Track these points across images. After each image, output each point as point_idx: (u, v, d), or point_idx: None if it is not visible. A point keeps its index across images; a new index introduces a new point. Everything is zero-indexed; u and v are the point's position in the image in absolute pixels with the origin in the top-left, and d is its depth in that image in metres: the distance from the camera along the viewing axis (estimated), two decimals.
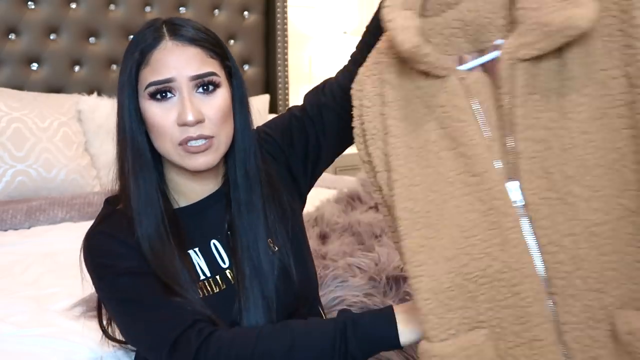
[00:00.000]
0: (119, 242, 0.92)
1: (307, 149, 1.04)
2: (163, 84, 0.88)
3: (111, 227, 0.94)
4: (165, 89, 0.88)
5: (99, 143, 2.37)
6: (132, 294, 0.89)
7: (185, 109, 0.87)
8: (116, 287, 0.90)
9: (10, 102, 2.21)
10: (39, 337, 1.19)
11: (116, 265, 0.91)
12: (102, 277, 0.92)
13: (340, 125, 0.98)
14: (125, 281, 0.90)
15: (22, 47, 2.45)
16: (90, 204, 2.09)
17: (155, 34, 0.90)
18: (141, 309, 0.89)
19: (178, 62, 0.88)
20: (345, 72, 1.01)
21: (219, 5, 2.94)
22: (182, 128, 0.88)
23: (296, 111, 1.05)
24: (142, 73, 0.89)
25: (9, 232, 1.92)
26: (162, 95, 0.89)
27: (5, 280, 1.51)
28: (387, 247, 1.68)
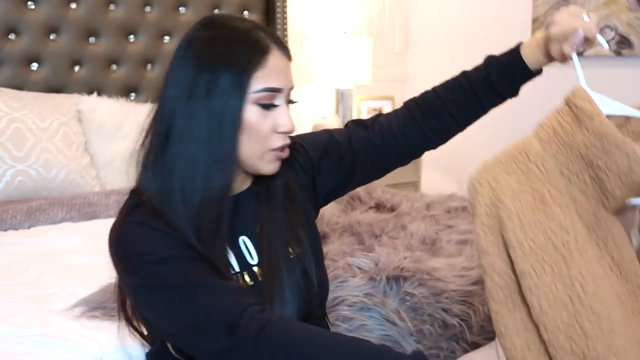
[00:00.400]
0: (153, 230, 0.89)
1: (336, 172, 1.11)
2: (274, 92, 0.91)
3: (142, 216, 0.92)
4: (274, 99, 0.92)
5: (99, 143, 2.37)
6: (178, 279, 0.86)
7: (290, 119, 0.93)
8: (158, 274, 0.87)
9: (10, 102, 2.21)
10: (39, 337, 1.19)
11: (156, 252, 0.88)
12: (140, 265, 0.88)
13: (377, 166, 1.13)
14: (168, 267, 0.87)
15: (22, 47, 2.45)
16: (90, 204, 2.09)
17: (266, 39, 0.92)
18: (189, 294, 0.86)
19: (285, 72, 0.93)
20: (399, 118, 1.15)
21: (219, 5, 2.94)
22: (281, 136, 0.93)
23: (337, 135, 1.12)
24: (255, 75, 0.90)
25: (9, 232, 1.92)
26: (271, 105, 0.92)
27: (5, 280, 1.51)
28: (387, 247, 1.68)
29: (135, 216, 0.92)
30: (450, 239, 1.78)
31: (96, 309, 1.30)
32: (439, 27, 3.53)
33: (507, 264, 0.87)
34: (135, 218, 0.92)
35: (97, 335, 1.21)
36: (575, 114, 0.88)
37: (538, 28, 2.91)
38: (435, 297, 1.42)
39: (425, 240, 1.76)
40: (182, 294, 0.86)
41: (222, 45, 0.91)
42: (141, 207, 0.93)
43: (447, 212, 2.14)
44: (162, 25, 2.77)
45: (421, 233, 1.81)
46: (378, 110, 3.45)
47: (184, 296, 0.86)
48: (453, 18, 3.44)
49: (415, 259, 1.57)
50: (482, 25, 3.27)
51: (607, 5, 2.63)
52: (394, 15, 3.66)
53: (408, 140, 1.13)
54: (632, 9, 2.54)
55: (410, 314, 1.37)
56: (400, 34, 3.70)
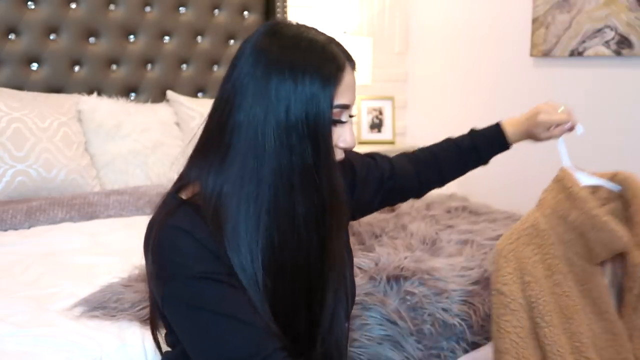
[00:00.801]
0: (195, 240, 0.84)
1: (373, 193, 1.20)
2: (345, 109, 0.90)
3: (187, 220, 0.86)
4: (342, 114, 0.90)
5: (99, 143, 2.37)
6: (207, 301, 0.83)
7: (353, 136, 0.92)
8: (189, 290, 0.84)
9: (10, 102, 2.21)
10: (39, 337, 1.19)
11: (191, 267, 0.84)
12: (173, 275, 0.84)
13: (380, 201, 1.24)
14: (199, 286, 0.83)
15: (22, 47, 2.45)
16: (90, 204, 2.09)
17: (341, 53, 0.90)
18: (214, 322, 0.83)
19: (354, 88, 0.92)
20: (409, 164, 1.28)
21: (219, 5, 2.94)
22: (340, 151, 0.93)
23: (382, 162, 1.23)
24: (334, 90, 0.87)
25: (9, 232, 1.92)
26: (339, 119, 0.90)
27: (5, 280, 1.51)
28: (387, 247, 1.68)
29: (179, 218, 0.87)
30: (450, 239, 1.78)
31: (96, 309, 1.30)
32: (439, 27, 3.53)
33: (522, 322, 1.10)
34: (180, 222, 0.86)
35: (97, 335, 1.21)
36: (568, 194, 1.15)
37: (538, 28, 2.91)
38: (435, 296, 1.42)
39: (425, 240, 1.76)
40: (204, 319, 0.83)
41: (306, 56, 0.86)
42: (186, 209, 0.88)
43: (447, 212, 2.14)
44: (162, 25, 2.77)
45: (421, 233, 1.81)
46: (378, 110, 3.45)
47: (206, 322, 0.83)
48: (453, 18, 3.44)
49: (416, 259, 1.56)
50: (482, 25, 3.26)
51: (607, 5, 2.63)
52: (394, 15, 3.66)
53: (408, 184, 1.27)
54: (632, 9, 2.54)
55: (411, 314, 1.37)
56: (400, 34, 3.70)
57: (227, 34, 2.96)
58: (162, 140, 2.47)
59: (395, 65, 3.69)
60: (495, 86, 3.23)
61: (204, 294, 0.83)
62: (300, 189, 0.85)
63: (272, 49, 0.86)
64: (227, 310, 0.83)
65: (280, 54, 0.85)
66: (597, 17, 2.67)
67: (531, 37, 2.96)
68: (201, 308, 0.83)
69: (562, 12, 2.81)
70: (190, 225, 0.85)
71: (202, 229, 0.85)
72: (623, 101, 2.68)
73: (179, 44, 2.81)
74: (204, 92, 2.92)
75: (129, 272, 1.46)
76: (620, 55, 2.61)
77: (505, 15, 3.13)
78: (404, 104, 3.72)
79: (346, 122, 0.91)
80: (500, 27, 3.16)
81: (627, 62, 2.64)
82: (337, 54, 0.88)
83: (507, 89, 3.17)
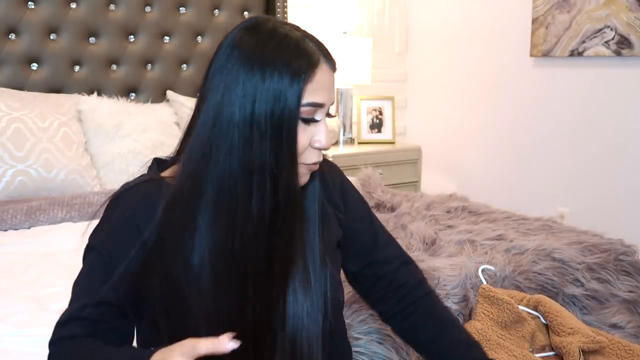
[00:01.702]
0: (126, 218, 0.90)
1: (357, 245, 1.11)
2: (319, 107, 0.88)
3: (135, 195, 0.92)
4: (315, 112, 0.88)
5: (99, 143, 2.37)
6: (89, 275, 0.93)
7: (327, 136, 0.90)
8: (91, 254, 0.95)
9: (10, 102, 2.21)
10: (39, 337, 1.19)
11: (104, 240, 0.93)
12: (97, 230, 0.94)
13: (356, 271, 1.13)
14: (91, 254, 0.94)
15: (22, 47, 2.45)
16: (90, 204, 2.09)
17: (317, 51, 0.88)
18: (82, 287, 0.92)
19: (330, 87, 0.90)
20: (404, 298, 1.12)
21: (219, 5, 2.94)
22: (316, 152, 0.90)
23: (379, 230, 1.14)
24: (305, 88, 0.86)
25: (9, 232, 1.92)
26: (312, 117, 0.88)
27: (5, 280, 1.51)
28: None
29: (134, 189, 0.92)
30: (450, 239, 1.78)
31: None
32: (439, 27, 3.53)
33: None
34: (142, 187, 0.92)
35: None
36: (493, 302, 1.37)
37: (538, 28, 2.91)
38: None
39: (425, 240, 1.76)
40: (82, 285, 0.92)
41: (277, 51, 0.85)
42: (148, 182, 0.93)
43: (447, 212, 2.14)
44: (162, 25, 2.77)
45: (421, 233, 1.81)
46: (378, 110, 3.45)
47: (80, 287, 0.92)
48: (453, 18, 3.44)
49: (415, 259, 1.56)
50: (482, 26, 3.27)
51: (607, 5, 2.63)
52: (394, 15, 3.66)
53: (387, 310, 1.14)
54: (632, 9, 2.54)
55: None
56: (400, 34, 3.70)
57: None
58: (162, 140, 2.47)
59: (395, 66, 3.69)
60: (495, 86, 3.23)
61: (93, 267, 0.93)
62: (257, 187, 0.85)
63: (247, 43, 0.86)
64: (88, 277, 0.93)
65: (254, 48, 0.85)
66: (597, 17, 2.68)
67: (531, 37, 2.96)
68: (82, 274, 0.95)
69: (562, 12, 2.81)
70: (149, 190, 0.90)
71: (145, 207, 0.88)
72: (623, 101, 2.68)
73: (179, 44, 2.81)
74: None
75: None
76: (620, 55, 2.61)
77: (505, 15, 3.13)
78: (404, 104, 3.72)
79: (320, 121, 0.89)
80: (500, 27, 3.17)
81: (627, 62, 2.64)
82: (311, 50, 0.87)
83: (507, 89, 3.17)
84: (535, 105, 3.04)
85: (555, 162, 2.98)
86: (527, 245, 1.69)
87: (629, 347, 1.32)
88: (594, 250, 1.72)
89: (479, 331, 1.30)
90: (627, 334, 1.59)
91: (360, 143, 3.42)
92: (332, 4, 3.37)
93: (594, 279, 1.64)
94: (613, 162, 2.74)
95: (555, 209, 2.91)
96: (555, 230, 1.91)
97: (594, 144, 2.81)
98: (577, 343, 1.28)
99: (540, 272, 1.59)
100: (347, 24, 3.39)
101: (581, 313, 1.59)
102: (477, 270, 1.50)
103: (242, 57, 0.85)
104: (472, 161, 3.39)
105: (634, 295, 1.68)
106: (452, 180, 3.50)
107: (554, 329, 1.35)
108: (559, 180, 2.96)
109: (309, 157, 0.90)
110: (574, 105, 2.87)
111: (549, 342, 1.37)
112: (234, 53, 0.86)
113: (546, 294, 1.56)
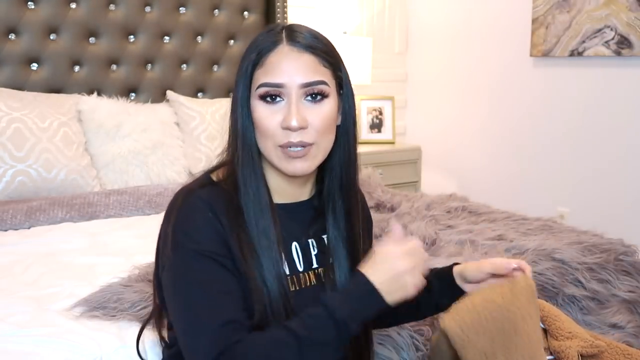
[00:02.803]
0: (211, 217, 0.90)
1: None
2: (273, 87, 0.91)
3: (212, 196, 0.93)
4: (275, 93, 0.92)
5: (99, 143, 2.37)
6: (201, 277, 0.88)
7: (291, 115, 0.91)
8: (191, 265, 0.89)
9: (10, 102, 2.21)
10: (39, 337, 1.19)
11: (201, 243, 0.89)
12: (181, 245, 0.90)
13: None
14: (205, 263, 0.88)
15: (22, 47, 2.45)
16: (90, 204, 2.09)
17: (274, 37, 0.94)
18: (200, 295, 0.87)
19: (291, 67, 0.92)
20: None
21: (219, 5, 2.94)
22: (285, 132, 0.92)
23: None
24: (256, 73, 0.93)
25: (9, 232, 1.92)
26: (272, 98, 0.92)
27: (5, 280, 1.51)
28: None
29: (205, 192, 0.93)
30: (450, 239, 1.78)
31: (96, 309, 1.30)
32: (439, 27, 3.53)
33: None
34: (205, 196, 0.93)
35: (97, 335, 1.21)
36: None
37: (538, 28, 2.91)
38: None
39: (425, 240, 1.76)
40: (195, 294, 0.87)
41: (244, 52, 0.95)
42: (217, 187, 0.96)
43: (447, 212, 2.14)
44: (162, 25, 2.77)
45: (421, 233, 1.81)
46: (378, 110, 3.45)
47: (195, 297, 0.87)
48: (453, 18, 3.44)
49: None
50: (482, 26, 3.27)
51: (607, 5, 2.63)
52: (394, 15, 3.66)
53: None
54: (632, 9, 2.54)
55: None
56: (400, 34, 3.70)
57: (227, 34, 2.96)
58: (162, 140, 2.47)
59: (395, 66, 3.69)
60: (495, 86, 3.23)
61: (208, 273, 0.88)
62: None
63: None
64: (216, 288, 0.88)
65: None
66: (597, 17, 2.68)
67: (531, 37, 2.96)
68: (196, 285, 0.88)
69: (562, 12, 2.81)
70: (210, 202, 0.91)
71: (223, 206, 0.91)
72: (623, 101, 2.68)
73: (179, 44, 2.81)
74: (204, 92, 2.92)
75: (129, 272, 1.46)
76: (620, 55, 2.61)
77: (505, 15, 3.13)
78: (403, 104, 3.72)
79: (284, 100, 0.92)
80: (500, 27, 3.17)
81: (627, 62, 2.64)
82: (272, 37, 0.94)
83: (507, 89, 3.17)
84: (535, 105, 3.04)
85: (555, 162, 2.98)
86: (527, 246, 1.69)
87: (628, 351, 1.32)
88: (594, 250, 1.72)
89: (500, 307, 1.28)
90: (627, 334, 1.59)
91: (360, 143, 3.39)
92: (332, 4, 3.37)
93: (594, 279, 1.64)
94: (613, 162, 2.74)
95: (555, 209, 2.91)
96: (555, 230, 1.91)
97: (594, 143, 2.81)
98: (576, 347, 1.28)
99: (540, 272, 1.59)
100: (347, 24, 3.39)
101: (581, 313, 1.59)
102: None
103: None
104: (472, 161, 3.39)
105: (634, 295, 1.68)
106: (452, 180, 3.50)
107: (553, 333, 1.35)
108: (559, 180, 2.96)
109: (279, 138, 0.92)
110: (573, 105, 2.87)
111: (547, 346, 1.37)
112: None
113: (546, 294, 1.56)
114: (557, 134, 2.95)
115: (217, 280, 0.88)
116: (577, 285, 1.62)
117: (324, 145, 0.96)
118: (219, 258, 0.89)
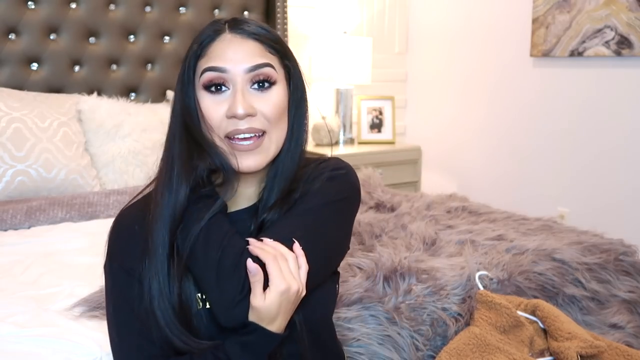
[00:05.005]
0: (130, 233, 0.91)
1: None
2: (217, 72, 0.87)
3: (133, 211, 0.93)
4: (220, 81, 0.88)
5: (99, 143, 2.37)
6: (114, 294, 0.90)
7: (236, 102, 0.86)
8: (109, 277, 0.91)
9: (10, 102, 2.21)
10: (39, 337, 1.19)
11: (125, 261, 0.90)
12: (106, 258, 0.92)
13: None
14: (118, 277, 0.90)
15: (22, 47, 2.45)
16: (90, 204, 2.09)
17: (216, 27, 0.91)
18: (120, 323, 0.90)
19: (235, 54, 0.88)
20: None
21: (219, 5, 2.94)
22: (232, 121, 0.87)
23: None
24: (199, 63, 0.90)
25: (9, 232, 1.92)
26: (217, 87, 0.88)
27: (5, 280, 1.51)
28: (387, 246, 1.68)
29: (132, 207, 0.94)
30: (450, 239, 1.78)
31: (96, 309, 1.30)
32: (439, 27, 3.53)
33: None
34: (133, 209, 0.93)
35: (97, 335, 1.21)
36: (491, 307, 1.37)
37: (538, 28, 2.91)
38: (434, 296, 1.42)
39: (425, 240, 1.76)
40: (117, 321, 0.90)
41: (188, 48, 0.94)
42: (144, 199, 0.94)
43: (447, 212, 2.14)
44: (162, 25, 2.77)
45: (421, 233, 1.81)
46: (378, 110, 3.45)
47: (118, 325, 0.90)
48: (453, 18, 3.44)
49: (415, 259, 1.57)
50: (482, 26, 3.27)
51: (607, 5, 2.63)
52: (394, 15, 3.66)
53: None
54: (632, 9, 2.54)
55: (410, 313, 1.37)
56: (400, 34, 3.70)
57: None
58: (162, 140, 2.47)
59: (395, 66, 3.69)
60: (495, 86, 3.23)
61: (117, 286, 0.89)
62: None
63: None
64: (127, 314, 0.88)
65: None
66: (597, 17, 2.67)
67: (531, 37, 2.96)
68: (110, 297, 0.91)
69: (562, 12, 2.81)
70: (135, 217, 0.91)
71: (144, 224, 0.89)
72: (623, 101, 2.68)
73: (178, 44, 2.81)
74: None
75: None
76: (620, 55, 2.61)
77: (505, 15, 3.13)
78: (403, 104, 3.72)
79: (229, 89, 0.88)
80: (500, 27, 3.17)
81: (627, 62, 2.64)
82: (207, 30, 0.91)
83: (507, 89, 3.17)
84: (535, 105, 3.04)
85: (555, 162, 2.98)
86: (527, 246, 1.69)
87: (627, 352, 1.32)
88: (594, 250, 1.72)
89: (477, 336, 1.29)
90: (627, 334, 1.59)
91: (360, 143, 3.42)
92: (332, 4, 3.37)
93: (594, 279, 1.64)
94: (613, 162, 2.74)
95: (555, 209, 2.91)
96: (555, 230, 1.91)
97: (594, 143, 2.81)
98: (575, 348, 1.28)
99: (540, 272, 1.59)
100: (347, 24, 3.39)
101: (581, 313, 1.59)
102: (475, 276, 1.50)
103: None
104: (472, 161, 3.39)
105: (634, 295, 1.68)
106: (452, 180, 3.50)
107: (552, 333, 1.36)
108: (559, 180, 2.96)
109: (224, 127, 0.88)
110: (574, 106, 2.87)
111: (547, 347, 1.37)
112: None
113: (546, 294, 1.56)
114: (557, 134, 2.95)
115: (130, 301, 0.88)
116: (577, 286, 1.62)
117: (275, 135, 0.90)
118: (135, 273, 0.88)
